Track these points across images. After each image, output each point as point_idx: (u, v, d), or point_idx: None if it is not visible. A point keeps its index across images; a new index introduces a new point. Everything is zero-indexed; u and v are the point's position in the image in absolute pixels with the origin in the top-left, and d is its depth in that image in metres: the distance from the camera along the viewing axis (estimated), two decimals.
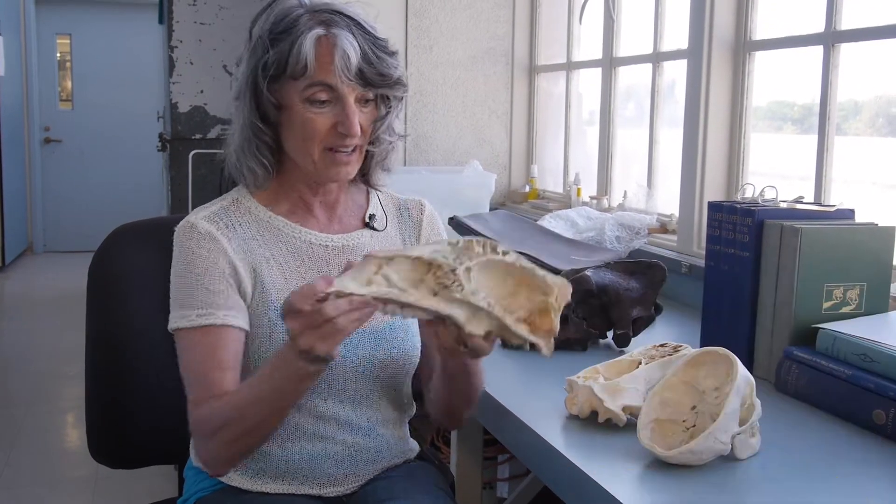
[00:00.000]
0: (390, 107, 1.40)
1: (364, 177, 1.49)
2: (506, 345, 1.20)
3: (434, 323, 1.16)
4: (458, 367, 1.33)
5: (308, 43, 1.30)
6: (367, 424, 1.42)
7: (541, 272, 1.14)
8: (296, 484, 1.40)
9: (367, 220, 1.49)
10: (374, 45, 1.34)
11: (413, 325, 1.47)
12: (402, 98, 1.41)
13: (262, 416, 1.28)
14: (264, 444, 1.36)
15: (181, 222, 1.39)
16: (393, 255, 1.13)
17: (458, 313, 1.11)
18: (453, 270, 1.12)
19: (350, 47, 1.30)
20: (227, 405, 1.29)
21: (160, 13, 5.58)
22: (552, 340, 1.15)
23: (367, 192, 1.53)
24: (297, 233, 1.43)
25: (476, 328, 1.13)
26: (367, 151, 1.42)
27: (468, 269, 1.12)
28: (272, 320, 1.36)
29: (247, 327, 1.36)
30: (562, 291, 1.14)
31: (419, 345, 1.47)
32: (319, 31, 1.31)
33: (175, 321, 1.35)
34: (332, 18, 1.33)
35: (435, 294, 1.12)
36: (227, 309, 1.33)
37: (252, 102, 1.36)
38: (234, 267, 1.36)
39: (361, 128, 1.35)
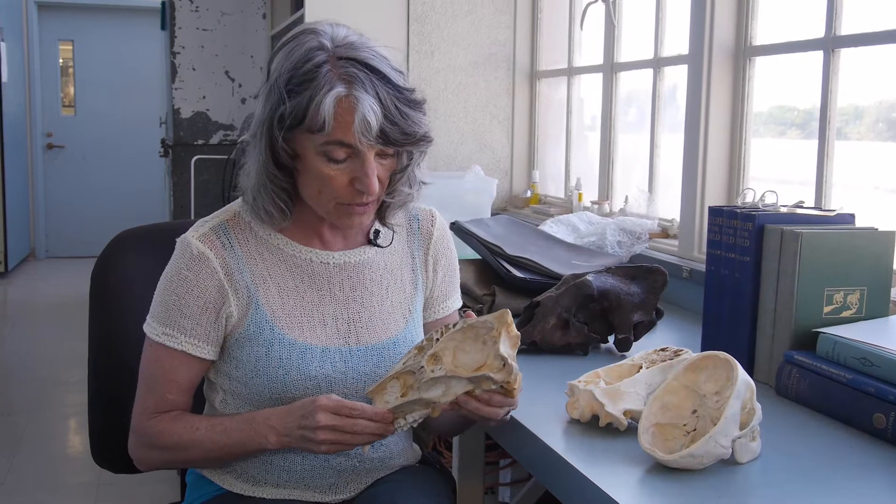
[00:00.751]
0: (412, 158, 1.37)
1: (381, 218, 1.45)
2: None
3: (467, 403, 1.25)
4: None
5: (328, 102, 1.24)
6: None
7: (481, 319, 1.26)
8: (297, 491, 1.40)
9: (372, 236, 1.46)
10: (398, 101, 1.27)
11: (417, 336, 1.46)
12: (426, 151, 1.37)
13: (209, 458, 1.38)
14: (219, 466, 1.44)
15: (182, 236, 1.38)
16: (384, 381, 1.28)
17: (435, 394, 1.25)
18: (421, 367, 1.25)
19: (371, 112, 1.24)
20: (179, 433, 1.35)
21: (162, 19, 5.59)
22: (510, 366, 1.23)
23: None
24: (298, 251, 1.41)
25: (454, 393, 1.25)
26: (384, 201, 1.39)
27: (435, 356, 1.26)
28: (268, 339, 1.35)
29: (207, 357, 1.37)
30: (500, 319, 1.24)
31: None
32: (340, 90, 1.24)
33: (147, 325, 1.39)
34: (355, 75, 1.25)
35: (415, 388, 1.26)
36: (192, 336, 1.36)
37: (267, 148, 1.30)
38: (222, 289, 1.35)
39: (379, 180, 1.31)
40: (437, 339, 1.27)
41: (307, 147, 1.29)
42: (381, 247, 1.47)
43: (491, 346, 1.24)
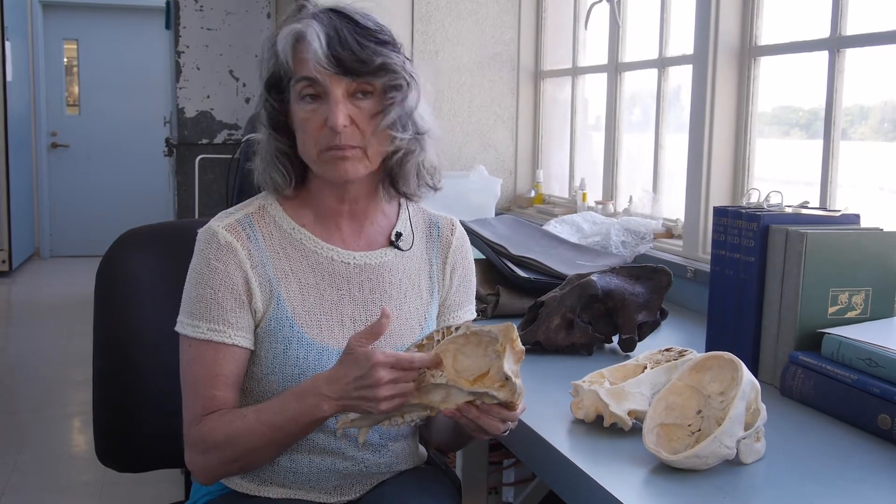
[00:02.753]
0: (392, 99, 1.32)
1: (394, 184, 1.40)
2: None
3: (466, 412, 1.23)
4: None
5: (284, 40, 1.30)
6: (378, 441, 1.41)
7: (485, 328, 1.23)
8: (302, 492, 1.40)
9: (393, 238, 1.45)
10: (356, 33, 1.29)
11: None
12: (403, 89, 1.33)
13: (266, 446, 1.30)
14: (264, 465, 1.38)
15: (204, 227, 1.37)
16: None
17: (435, 399, 1.24)
18: (422, 371, 1.24)
19: (315, 35, 1.27)
20: (228, 424, 1.29)
21: (167, 18, 5.60)
22: (513, 384, 1.20)
23: (399, 206, 1.48)
24: (320, 248, 1.39)
25: (454, 402, 1.23)
26: (385, 157, 1.35)
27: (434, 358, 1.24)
28: (287, 337, 1.34)
29: (252, 347, 1.35)
30: (505, 334, 1.21)
31: None
32: (295, 26, 1.30)
33: (184, 327, 1.35)
34: (310, 12, 1.32)
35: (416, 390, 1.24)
36: (237, 328, 1.33)
37: (266, 115, 1.37)
38: (248, 281, 1.34)
39: (356, 122, 1.30)
40: (438, 341, 1.26)
41: (293, 99, 1.33)
42: (402, 250, 1.45)
43: (494, 359, 1.22)
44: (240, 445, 1.30)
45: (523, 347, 1.22)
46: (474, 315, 1.55)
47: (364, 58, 1.28)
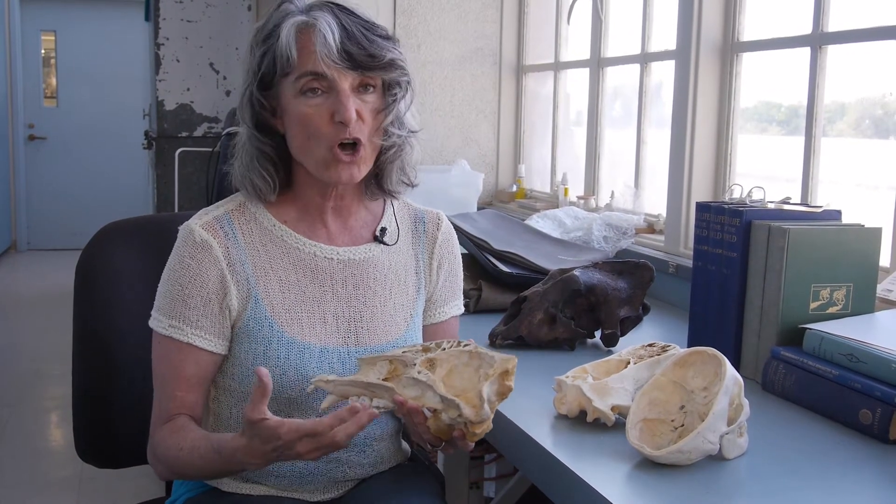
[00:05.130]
0: (395, 95, 1.34)
1: (378, 181, 1.41)
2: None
3: (415, 414, 1.20)
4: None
5: (287, 32, 1.27)
6: (363, 441, 1.40)
7: (490, 352, 1.23)
8: (286, 491, 1.39)
9: (378, 234, 1.43)
10: (363, 28, 1.29)
11: (416, 340, 1.44)
12: (407, 85, 1.35)
13: (201, 475, 1.34)
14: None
15: (185, 223, 1.36)
16: (378, 357, 1.29)
17: (409, 394, 1.22)
18: (414, 363, 1.24)
19: (328, 28, 1.25)
20: (173, 451, 1.29)
21: (146, 10, 5.56)
22: (484, 410, 1.18)
23: (384, 202, 1.47)
24: (302, 244, 1.38)
25: (425, 402, 1.21)
26: (380, 151, 1.35)
27: (431, 361, 1.25)
28: (266, 336, 1.33)
29: (216, 350, 1.34)
30: (503, 363, 1.21)
31: None
32: (299, 18, 1.28)
33: (152, 320, 1.36)
34: (315, 5, 1.30)
35: (397, 380, 1.25)
36: (197, 328, 1.32)
37: (250, 114, 1.33)
38: (224, 280, 1.33)
39: (361, 117, 1.29)
40: (444, 349, 1.26)
41: (287, 95, 1.30)
42: (387, 244, 1.44)
43: (481, 380, 1.21)
44: (179, 471, 1.33)
45: (512, 386, 1.21)
46: (462, 310, 1.54)
47: (374, 52, 1.28)
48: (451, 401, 1.18)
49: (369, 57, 1.28)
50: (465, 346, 1.25)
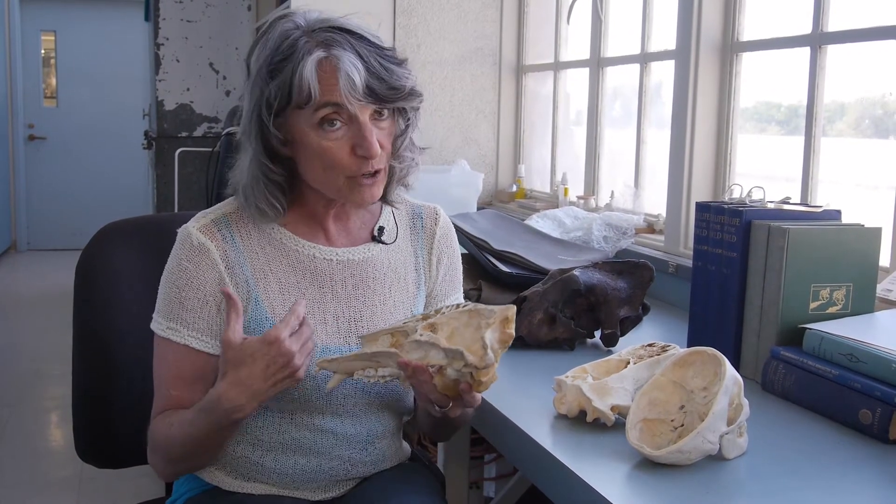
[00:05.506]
0: (409, 120, 1.35)
1: (383, 195, 1.40)
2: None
3: (420, 373, 1.21)
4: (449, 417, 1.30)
5: (309, 68, 1.23)
6: (365, 438, 1.40)
7: (488, 307, 1.24)
8: (287, 490, 1.39)
9: (376, 233, 1.44)
10: (380, 57, 1.27)
11: None
12: (419, 109, 1.36)
13: (194, 450, 1.32)
14: (208, 464, 1.39)
15: (183, 226, 1.36)
16: (379, 333, 1.29)
17: (413, 356, 1.23)
18: (415, 330, 1.25)
19: (352, 67, 1.24)
20: (165, 431, 1.31)
21: (146, 10, 5.55)
22: (487, 353, 1.19)
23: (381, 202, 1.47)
24: (301, 246, 1.38)
25: (430, 361, 1.22)
26: (390, 168, 1.36)
27: (432, 325, 1.25)
28: None
29: (212, 351, 1.34)
30: (501, 312, 1.23)
31: None
32: (319, 53, 1.24)
33: (152, 323, 1.37)
34: (332, 38, 1.26)
35: (401, 346, 1.25)
36: (194, 330, 1.33)
37: (259, 140, 1.30)
38: (223, 282, 1.33)
39: (381, 145, 1.29)
40: (443, 313, 1.26)
41: (301, 126, 1.28)
42: (386, 243, 1.44)
43: (482, 329, 1.22)
44: (175, 451, 1.32)
45: (513, 334, 1.22)
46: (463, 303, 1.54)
47: (395, 85, 1.28)
48: (455, 350, 1.19)
49: (391, 90, 1.28)
50: (464, 307, 1.26)
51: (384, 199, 1.42)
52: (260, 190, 1.32)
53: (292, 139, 1.30)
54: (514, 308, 1.23)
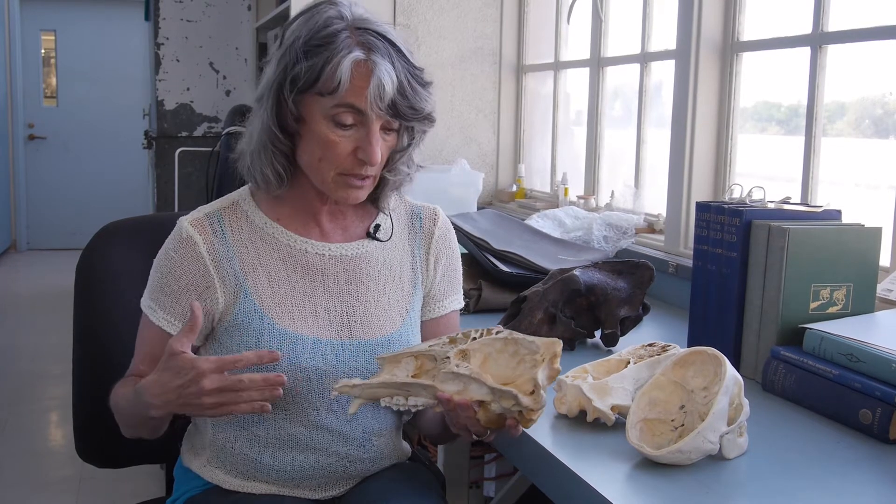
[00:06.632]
0: (413, 138, 1.38)
1: (374, 199, 1.44)
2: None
3: (464, 410, 1.20)
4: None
5: (346, 64, 1.25)
6: (362, 436, 1.40)
7: (528, 337, 1.23)
8: (286, 488, 1.40)
9: (371, 230, 1.45)
10: (410, 76, 1.30)
11: (413, 335, 1.45)
12: (427, 132, 1.39)
13: (130, 424, 1.39)
14: (152, 437, 1.43)
15: (181, 217, 1.41)
16: (400, 354, 1.28)
17: (450, 388, 1.21)
18: (446, 357, 1.24)
19: (387, 78, 1.26)
20: (115, 396, 1.39)
21: (146, 10, 5.55)
22: (541, 396, 1.18)
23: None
24: (293, 241, 1.40)
25: (470, 395, 1.20)
26: (382, 177, 1.39)
27: (463, 353, 1.24)
28: (258, 328, 1.35)
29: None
30: (548, 347, 1.21)
31: None
32: (359, 54, 1.26)
33: (142, 297, 1.42)
34: (374, 42, 1.28)
35: (430, 374, 1.25)
36: (170, 314, 1.38)
37: (273, 109, 1.32)
38: (208, 275, 1.36)
39: (381, 154, 1.32)
40: (474, 339, 1.26)
41: (315, 111, 1.30)
42: (381, 241, 1.45)
43: (528, 368, 1.21)
44: (118, 416, 1.40)
45: (559, 368, 1.21)
46: (462, 304, 1.55)
47: (416, 106, 1.31)
48: (506, 392, 1.18)
49: (411, 109, 1.31)
50: (497, 332, 1.25)
51: (375, 203, 1.45)
52: (267, 156, 1.35)
53: (302, 118, 1.32)
54: (560, 343, 1.22)
